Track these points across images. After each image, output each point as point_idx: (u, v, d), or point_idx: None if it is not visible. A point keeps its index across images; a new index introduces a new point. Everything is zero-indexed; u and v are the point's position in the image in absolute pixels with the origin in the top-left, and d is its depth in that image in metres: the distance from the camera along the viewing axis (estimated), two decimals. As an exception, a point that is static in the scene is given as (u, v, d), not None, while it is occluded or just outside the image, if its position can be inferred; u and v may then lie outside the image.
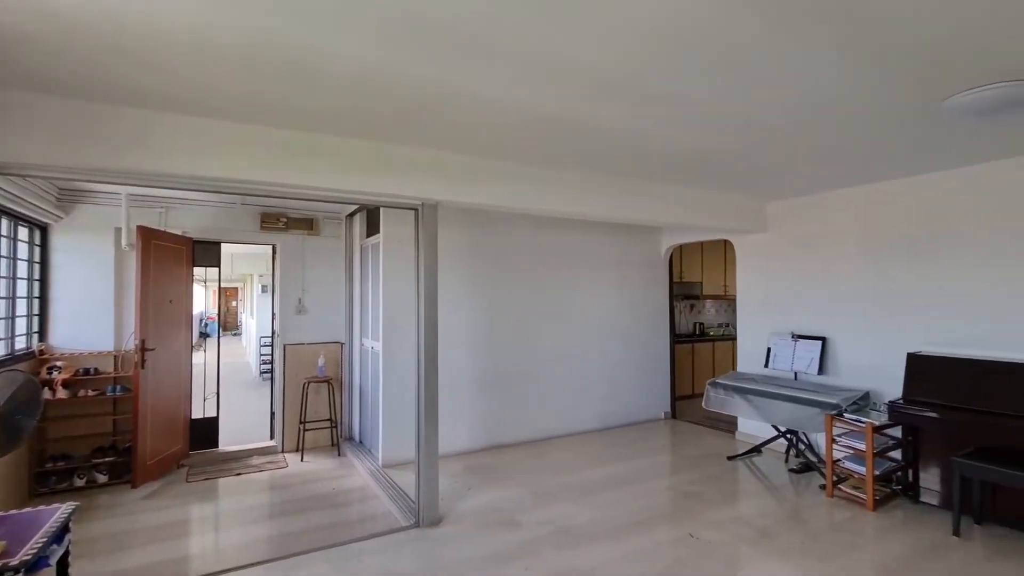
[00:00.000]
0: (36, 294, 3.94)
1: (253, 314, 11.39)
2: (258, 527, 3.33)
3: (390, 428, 4.43)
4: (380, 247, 4.51)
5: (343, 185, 3.03)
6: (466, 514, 3.46)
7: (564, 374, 5.41)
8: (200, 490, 3.97)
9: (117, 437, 4.11)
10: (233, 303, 21.75)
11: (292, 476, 4.26)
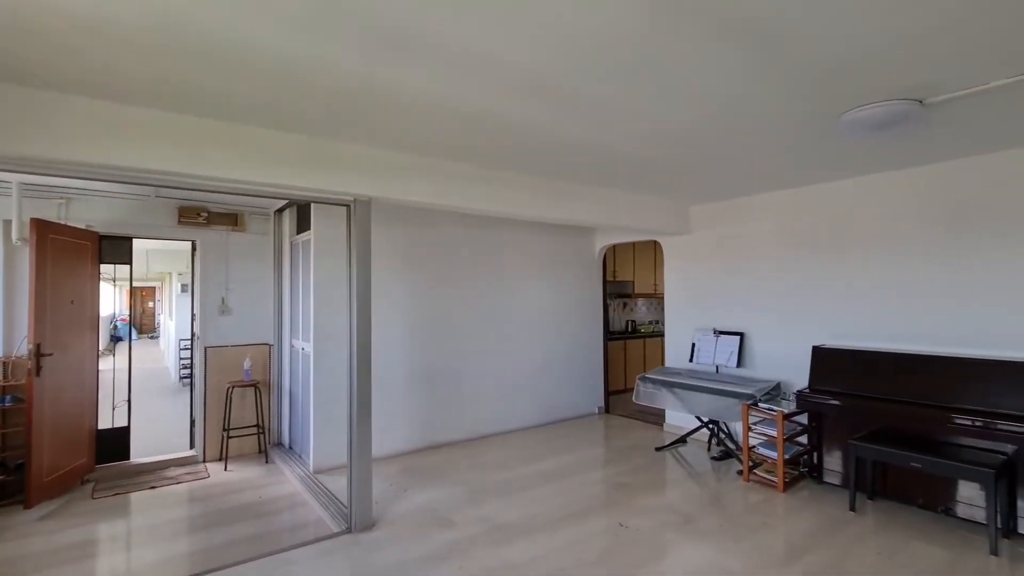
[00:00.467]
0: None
1: (172, 315, 10.63)
2: (175, 543, 3.12)
3: (322, 432, 4.28)
4: (311, 244, 4.35)
5: (270, 179, 2.89)
6: (400, 516, 3.41)
7: (501, 372, 5.46)
8: (108, 507, 3.66)
9: (7, 453, 3.71)
10: (150, 304, 20.26)
11: (214, 486, 4.02)
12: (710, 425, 4.78)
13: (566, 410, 6.00)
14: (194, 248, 4.73)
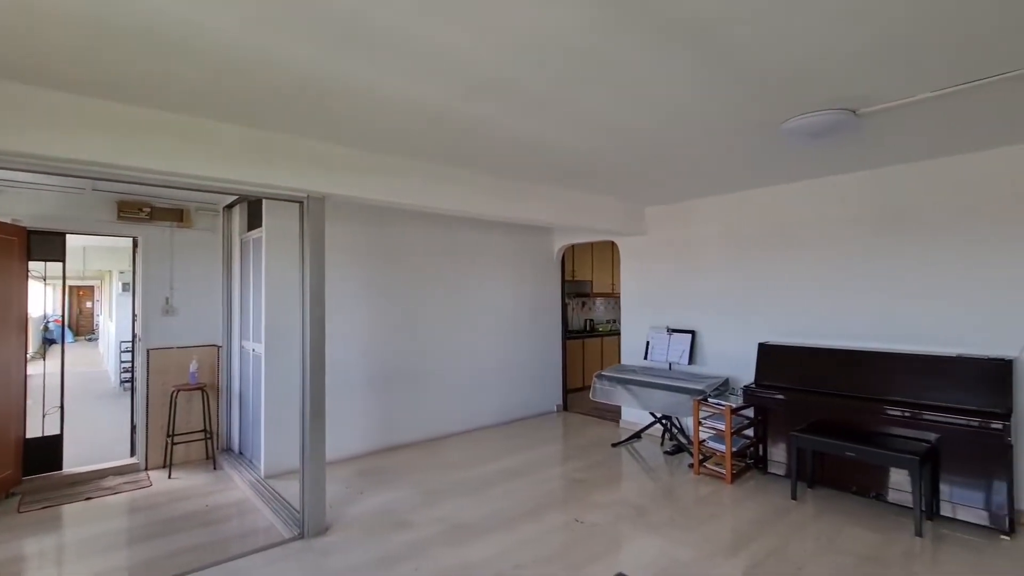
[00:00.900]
0: None
1: (112, 316, 10.03)
2: (112, 556, 2.95)
3: (273, 436, 4.15)
4: (263, 242, 4.21)
5: (218, 174, 2.77)
6: (355, 520, 3.35)
7: (460, 371, 5.44)
8: (36, 521, 3.43)
9: (-79, 465, 3.43)
10: (88, 304, 19.09)
11: (157, 495, 3.83)
12: (663, 421, 4.92)
13: (526, 408, 6.04)
14: (136, 245, 4.48)
